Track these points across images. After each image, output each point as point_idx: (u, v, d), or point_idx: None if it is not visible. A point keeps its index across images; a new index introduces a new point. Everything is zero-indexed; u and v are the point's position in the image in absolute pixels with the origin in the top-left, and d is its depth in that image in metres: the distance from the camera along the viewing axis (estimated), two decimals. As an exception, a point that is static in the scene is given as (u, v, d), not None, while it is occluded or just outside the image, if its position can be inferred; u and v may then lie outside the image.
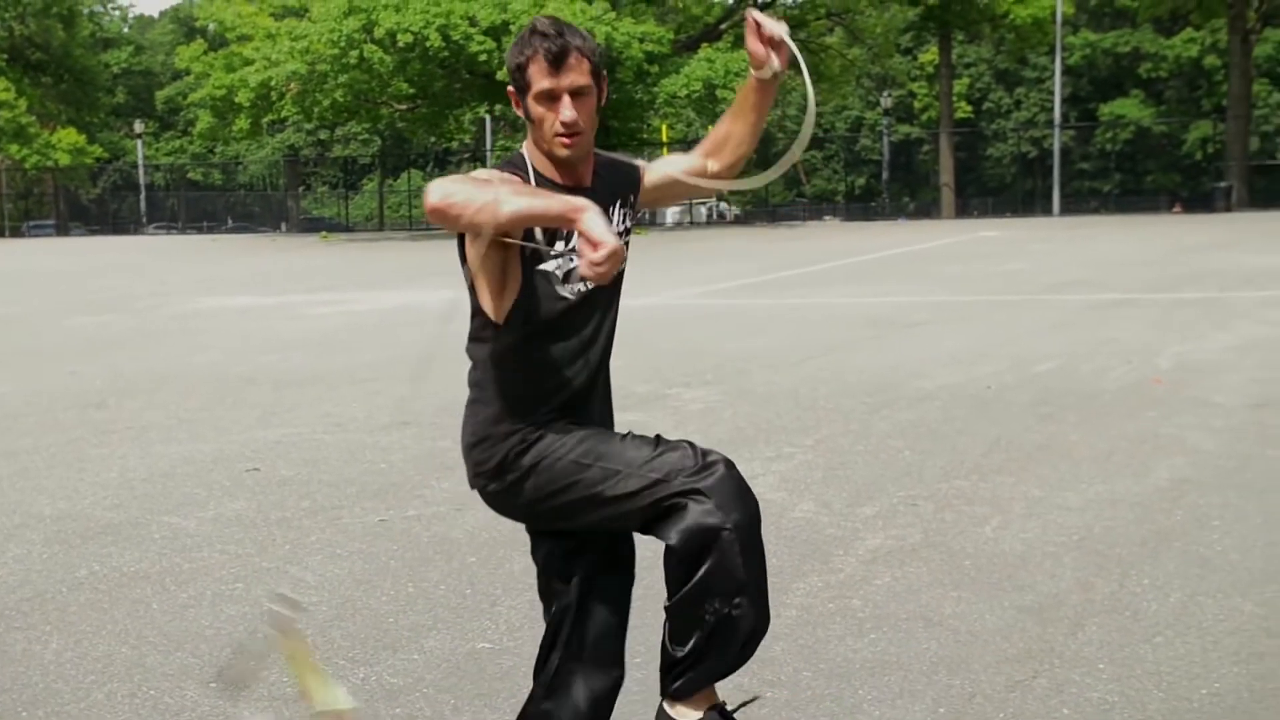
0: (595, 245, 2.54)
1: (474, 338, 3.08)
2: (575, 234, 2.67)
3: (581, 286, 2.94)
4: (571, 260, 2.89)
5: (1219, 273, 19.39)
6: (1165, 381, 9.73)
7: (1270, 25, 60.32)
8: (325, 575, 5.50)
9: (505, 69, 2.94)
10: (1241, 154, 49.06)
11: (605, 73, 2.97)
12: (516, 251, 2.88)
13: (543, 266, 2.92)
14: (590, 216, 2.57)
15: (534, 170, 2.95)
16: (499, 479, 3.06)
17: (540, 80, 2.84)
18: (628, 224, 3.09)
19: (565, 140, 2.87)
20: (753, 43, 3.00)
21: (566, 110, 2.83)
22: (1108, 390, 9.46)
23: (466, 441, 3.12)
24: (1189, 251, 24.52)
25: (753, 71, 3.07)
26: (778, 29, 2.98)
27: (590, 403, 3.10)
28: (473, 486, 3.15)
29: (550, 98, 2.84)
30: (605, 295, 3.02)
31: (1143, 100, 67.28)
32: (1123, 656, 4.33)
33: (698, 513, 2.90)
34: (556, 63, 2.81)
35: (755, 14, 2.99)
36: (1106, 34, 68.17)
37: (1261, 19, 53.07)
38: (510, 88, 2.95)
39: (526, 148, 3.00)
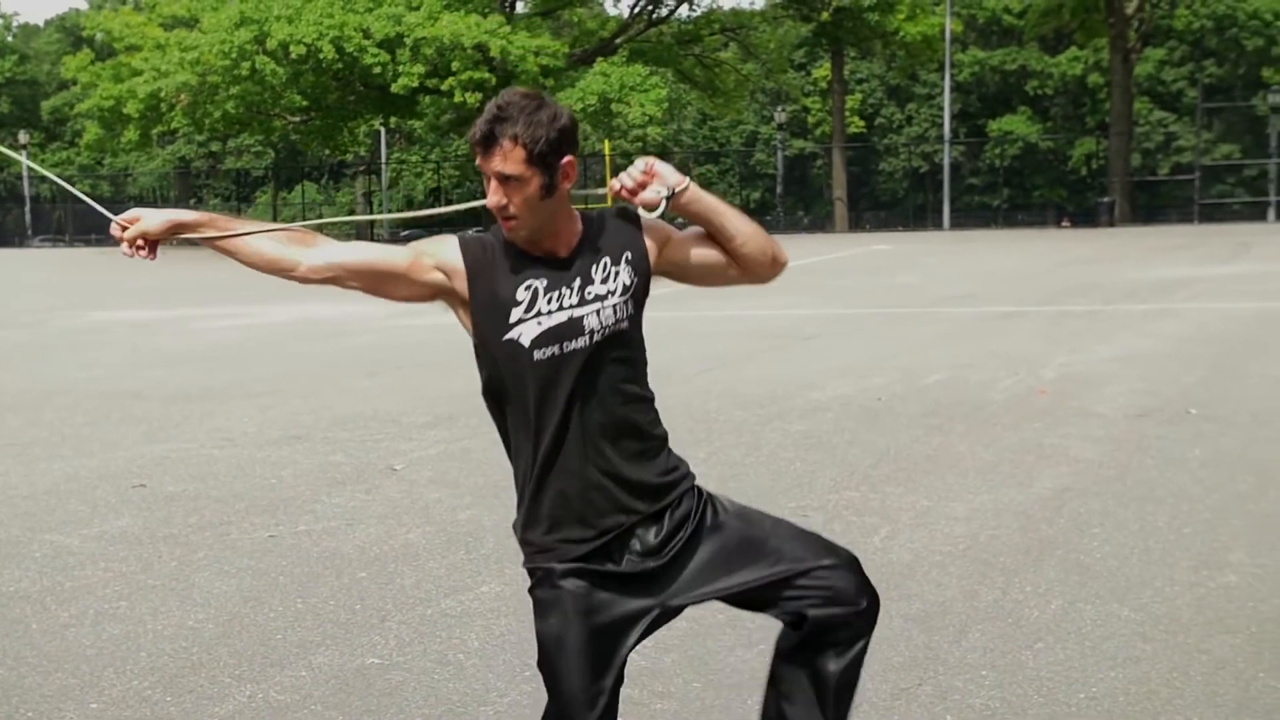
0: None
1: None
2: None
3: (553, 350, 2.75)
4: (538, 324, 2.75)
5: (1102, 286, 19.82)
6: (1050, 392, 9.93)
7: (1150, 45, 61.85)
8: (212, 592, 5.43)
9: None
10: (1124, 170, 50.19)
11: (568, 156, 2.73)
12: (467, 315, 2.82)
13: (509, 336, 2.76)
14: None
15: (503, 238, 2.82)
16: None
17: (475, 156, 2.76)
18: (625, 280, 2.81)
19: (503, 223, 2.77)
20: (640, 200, 2.87)
21: (491, 194, 2.73)
22: (995, 401, 9.63)
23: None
24: (1074, 265, 25.04)
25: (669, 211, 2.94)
26: (634, 170, 2.86)
27: (584, 470, 2.80)
28: None
29: (484, 175, 2.75)
30: (583, 355, 2.77)
31: (1030, 117, 68.47)
32: (1005, 663, 4.42)
33: None
34: (481, 145, 2.71)
35: (615, 187, 2.86)
36: (994, 51, 69.29)
37: (1141, 39, 54.34)
38: None
39: None
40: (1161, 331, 13.69)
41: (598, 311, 2.78)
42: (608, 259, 2.82)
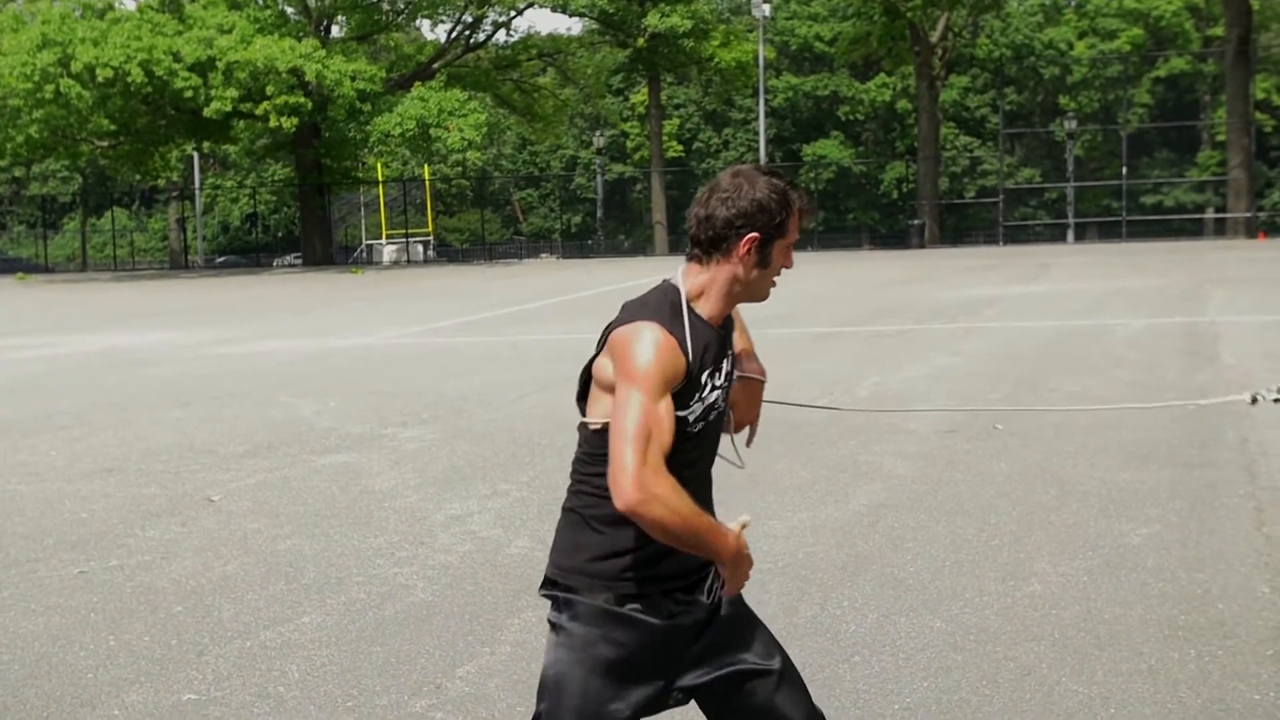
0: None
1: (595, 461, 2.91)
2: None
3: (703, 424, 2.94)
4: (701, 401, 2.91)
5: (913, 306, 20.36)
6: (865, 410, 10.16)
7: (954, 73, 63.92)
8: (18, 632, 5.25)
9: (744, 207, 2.78)
10: (932, 193, 51.66)
11: None
12: None
13: (681, 414, 2.86)
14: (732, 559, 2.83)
15: (691, 311, 2.84)
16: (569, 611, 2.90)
17: (794, 231, 2.88)
18: (729, 370, 3.00)
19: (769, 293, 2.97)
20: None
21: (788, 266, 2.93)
22: (811, 421, 9.81)
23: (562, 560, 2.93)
24: (887, 286, 25.68)
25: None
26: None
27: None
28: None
29: (793, 247, 2.92)
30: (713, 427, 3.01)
31: (842, 141, 70.08)
32: (823, 677, 4.52)
33: None
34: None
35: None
36: (807, 78, 70.79)
37: (946, 67, 56.12)
38: (752, 232, 2.79)
39: (687, 284, 2.86)
40: (969, 350, 14.13)
41: (724, 391, 2.98)
42: (730, 351, 3.01)
